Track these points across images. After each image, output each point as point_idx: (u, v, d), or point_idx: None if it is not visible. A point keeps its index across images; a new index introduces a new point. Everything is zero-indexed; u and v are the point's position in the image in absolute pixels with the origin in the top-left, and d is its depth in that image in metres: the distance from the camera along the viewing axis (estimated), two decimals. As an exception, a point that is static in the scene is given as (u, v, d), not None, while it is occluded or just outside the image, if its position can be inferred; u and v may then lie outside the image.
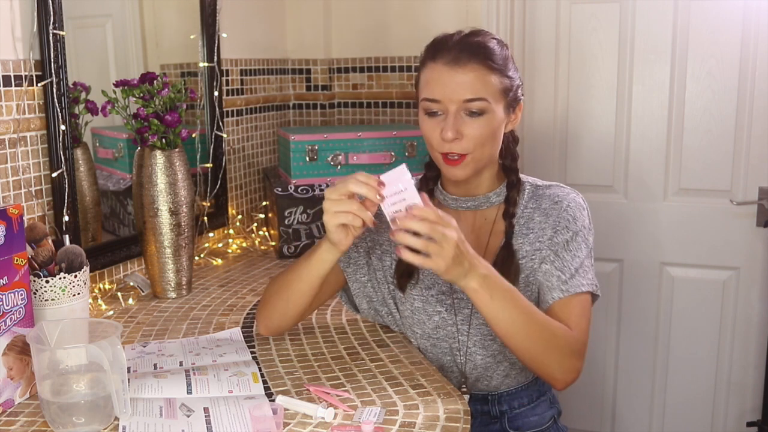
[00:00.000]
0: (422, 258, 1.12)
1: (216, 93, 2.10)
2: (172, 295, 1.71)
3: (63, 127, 1.56)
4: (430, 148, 1.34)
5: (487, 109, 1.28)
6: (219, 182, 2.13)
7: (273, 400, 1.13)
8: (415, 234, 1.12)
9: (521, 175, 1.40)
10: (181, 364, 1.28)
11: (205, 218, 2.07)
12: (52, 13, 1.52)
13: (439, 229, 1.11)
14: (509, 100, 1.32)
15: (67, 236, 1.46)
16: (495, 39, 1.33)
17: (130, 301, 1.68)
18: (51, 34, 1.52)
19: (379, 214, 1.22)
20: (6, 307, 1.11)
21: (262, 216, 2.36)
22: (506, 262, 1.32)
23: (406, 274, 1.38)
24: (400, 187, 1.14)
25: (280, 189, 2.04)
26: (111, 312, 1.62)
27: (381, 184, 1.15)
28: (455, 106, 1.27)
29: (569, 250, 1.32)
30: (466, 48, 1.28)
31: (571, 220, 1.33)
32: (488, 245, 1.37)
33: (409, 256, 1.13)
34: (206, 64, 2.08)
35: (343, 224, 1.18)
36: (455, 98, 1.27)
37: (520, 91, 1.35)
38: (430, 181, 1.42)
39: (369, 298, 1.45)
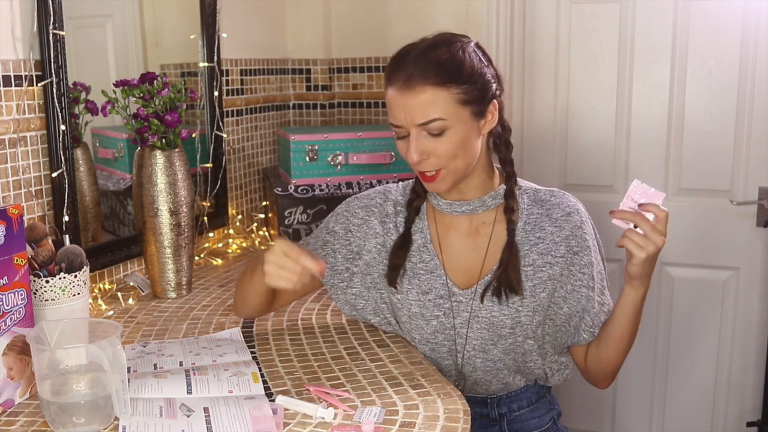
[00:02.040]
0: (635, 246, 1.24)
1: (216, 93, 2.10)
2: (172, 295, 1.71)
3: (63, 127, 1.56)
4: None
5: (446, 126, 1.24)
6: (219, 182, 2.13)
7: (273, 400, 1.13)
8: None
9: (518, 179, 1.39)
10: (181, 364, 1.28)
11: (205, 218, 2.07)
12: (52, 13, 1.52)
13: (656, 234, 1.24)
14: (474, 106, 1.26)
15: (67, 236, 1.46)
16: (459, 44, 1.27)
17: (130, 301, 1.69)
18: (51, 34, 1.52)
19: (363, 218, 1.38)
20: (6, 307, 1.11)
21: (262, 216, 2.36)
22: (511, 259, 1.32)
23: (393, 268, 1.38)
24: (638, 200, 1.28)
25: (280, 189, 2.04)
26: (111, 312, 1.62)
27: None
28: (415, 130, 1.26)
29: (594, 284, 1.34)
30: (418, 68, 1.23)
31: (588, 238, 1.34)
32: (489, 249, 1.36)
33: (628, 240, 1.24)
34: (206, 64, 2.08)
35: (276, 278, 1.23)
36: (411, 122, 1.25)
37: (492, 88, 1.28)
38: (421, 191, 1.41)
39: (352, 306, 1.44)
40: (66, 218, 1.57)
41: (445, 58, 1.25)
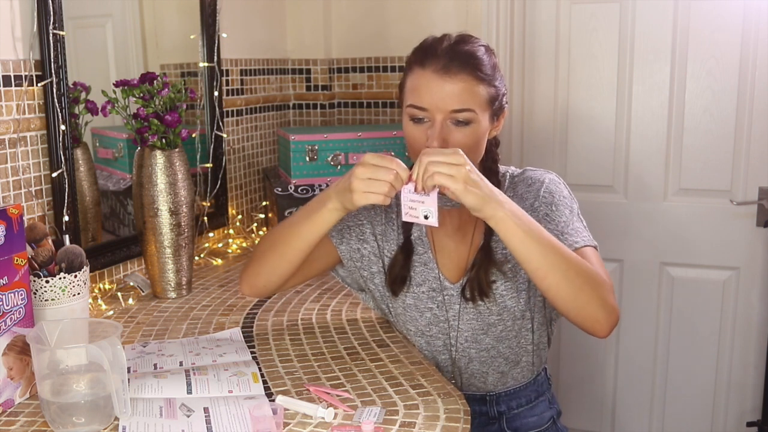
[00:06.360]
0: (445, 179, 1.13)
1: (216, 93, 2.10)
2: (172, 295, 1.71)
3: (63, 127, 1.56)
4: (412, 154, 1.33)
5: (474, 119, 1.27)
6: (219, 182, 2.13)
7: (273, 400, 1.13)
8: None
9: (501, 166, 1.41)
10: (181, 364, 1.28)
11: (205, 218, 2.07)
12: (52, 13, 1.52)
13: (449, 158, 1.13)
14: (495, 108, 1.31)
15: (67, 236, 1.46)
16: (483, 46, 1.31)
17: (130, 301, 1.68)
18: (51, 34, 1.52)
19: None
20: (6, 307, 1.11)
21: (262, 216, 2.36)
22: (486, 260, 1.33)
23: (398, 280, 1.39)
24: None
25: (280, 189, 2.04)
26: (111, 312, 1.62)
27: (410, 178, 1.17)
28: (442, 116, 1.26)
29: (552, 219, 1.31)
30: (456, 57, 1.26)
31: (548, 195, 1.34)
32: (473, 241, 1.38)
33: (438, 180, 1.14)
34: (206, 64, 2.08)
35: (367, 193, 1.17)
36: (443, 108, 1.26)
37: (504, 99, 1.34)
38: None
39: (360, 287, 1.46)
40: (66, 218, 1.57)
41: (481, 56, 1.29)
